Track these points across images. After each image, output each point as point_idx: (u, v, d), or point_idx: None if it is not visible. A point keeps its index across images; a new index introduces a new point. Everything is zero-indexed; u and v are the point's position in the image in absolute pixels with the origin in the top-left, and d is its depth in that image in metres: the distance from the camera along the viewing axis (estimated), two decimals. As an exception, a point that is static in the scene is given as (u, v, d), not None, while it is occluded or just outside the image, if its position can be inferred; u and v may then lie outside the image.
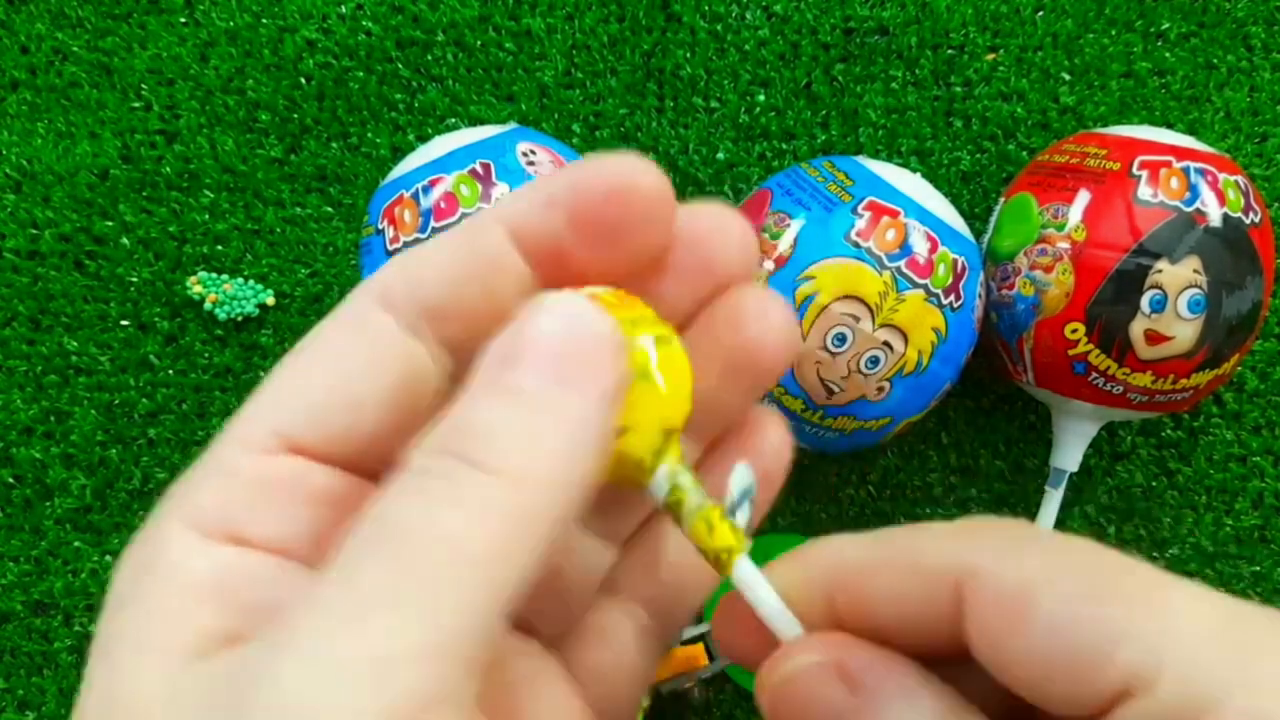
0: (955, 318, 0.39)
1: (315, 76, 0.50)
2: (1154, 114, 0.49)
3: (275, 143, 0.49)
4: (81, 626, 0.47)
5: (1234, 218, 0.39)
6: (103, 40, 0.50)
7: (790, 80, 0.49)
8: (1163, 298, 0.38)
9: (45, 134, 0.50)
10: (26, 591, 0.47)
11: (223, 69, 0.50)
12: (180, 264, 0.49)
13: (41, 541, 0.47)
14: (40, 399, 0.48)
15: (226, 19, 0.50)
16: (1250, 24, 0.49)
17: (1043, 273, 0.40)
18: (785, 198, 0.40)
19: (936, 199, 0.40)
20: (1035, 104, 0.49)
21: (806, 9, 0.49)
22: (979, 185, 0.49)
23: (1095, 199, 0.39)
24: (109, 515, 0.47)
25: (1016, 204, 0.42)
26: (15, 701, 0.46)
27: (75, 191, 0.49)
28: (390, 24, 0.50)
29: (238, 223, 0.49)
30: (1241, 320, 0.39)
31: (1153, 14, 0.49)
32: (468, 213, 0.38)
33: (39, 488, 0.47)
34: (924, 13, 0.49)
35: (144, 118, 0.50)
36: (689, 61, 0.49)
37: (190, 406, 0.48)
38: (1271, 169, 0.48)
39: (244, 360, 0.48)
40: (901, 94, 0.49)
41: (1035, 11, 0.49)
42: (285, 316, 0.48)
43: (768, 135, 0.49)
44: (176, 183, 0.49)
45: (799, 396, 0.39)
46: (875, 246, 0.38)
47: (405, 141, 0.49)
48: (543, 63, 0.50)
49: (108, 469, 0.47)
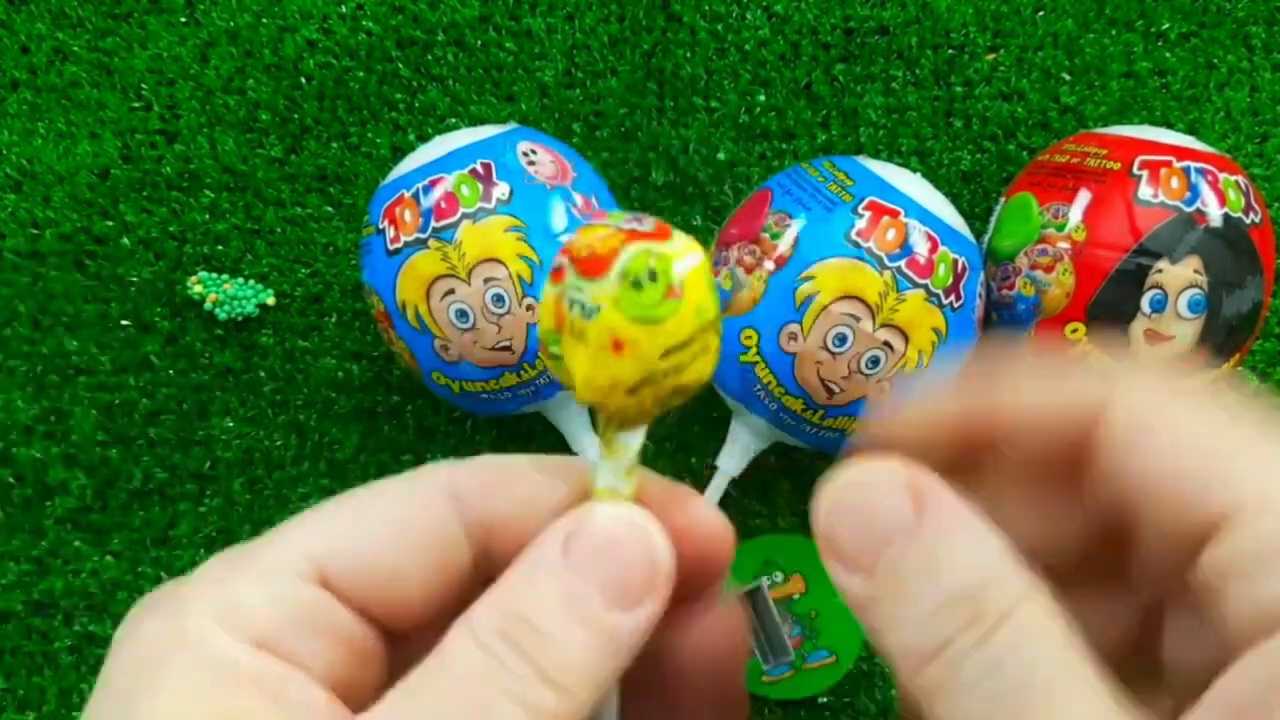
0: (956, 318, 0.39)
1: (315, 76, 0.50)
2: (1154, 114, 0.49)
3: (275, 143, 0.49)
4: (81, 626, 0.47)
5: (1234, 218, 0.39)
6: (103, 40, 0.50)
7: (790, 80, 0.49)
8: (1163, 298, 0.38)
9: (45, 134, 0.50)
10: (26, 591, 0.47)
11: (223, 69, 0.50)
12: (180, 264, 0.49)
13: (41, 541, 0.47)
14: (40, 399, 0.48)
15: (226, 19, 0.50)
16: (1250, 24, 0.49)
17: (1043, 273, 0.40)
18: (785, 198, 0.40)
19: (937, 199, 0.40)
20: (1035, 104, 0.49)
21: (807, 9, 0.49)
22: (979, 185, 0.49)
23: (1095, 199, 0.39)
24: (109, 515, 0.47)
25: (1017, 204, 0.42)
26: (15, 701, 0.46)
27: (75, 191, 0.49)
28: (390, 24, 0.50)
29: (238, 223, 0.49)
30: (1241, 320, 0.39)
31: (1153, 14, 0.49)
32: (468, 212, 0.38)
33: (39, 488, 0.47)
34: (924, 13, 0.49)
35: (144, 118, 0.50)
36: (689, 61, 0.49)
37: (190, 406, 0.48)
38: (1271, 169, 0.48)
39: (244, 360, 0.48)
40: (902, 94, 0.49)
41: (1035, 11, 0.49)
42: (285, 316, 0.48)
43: (768, 135, 0.49)
44: (177, 183, 0.49)
45: (799, 396, 0.39)
46: (875, 246, 0.38)
47: (405, 141, 0.49)
48: (543, 63, 0.50)
49: (108, 469, 0.47)
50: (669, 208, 0.49)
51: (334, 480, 0.47)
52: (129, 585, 0.47)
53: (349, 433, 0.48)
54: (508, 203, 0.39)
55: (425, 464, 0.18)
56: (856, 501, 0.16)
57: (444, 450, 0.48)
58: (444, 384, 0.41)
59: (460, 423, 0.48)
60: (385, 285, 0.40)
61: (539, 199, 0.39)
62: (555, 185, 0.40)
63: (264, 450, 0.48)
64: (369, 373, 0.48)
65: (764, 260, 0.39)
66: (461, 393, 0.41)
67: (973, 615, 0.14)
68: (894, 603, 0.15)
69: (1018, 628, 0.14)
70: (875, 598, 0.15)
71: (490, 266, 0.38)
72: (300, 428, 0.48)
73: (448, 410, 0.48)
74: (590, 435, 0.44)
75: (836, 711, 0.45)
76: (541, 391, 0.41)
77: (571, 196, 0.40)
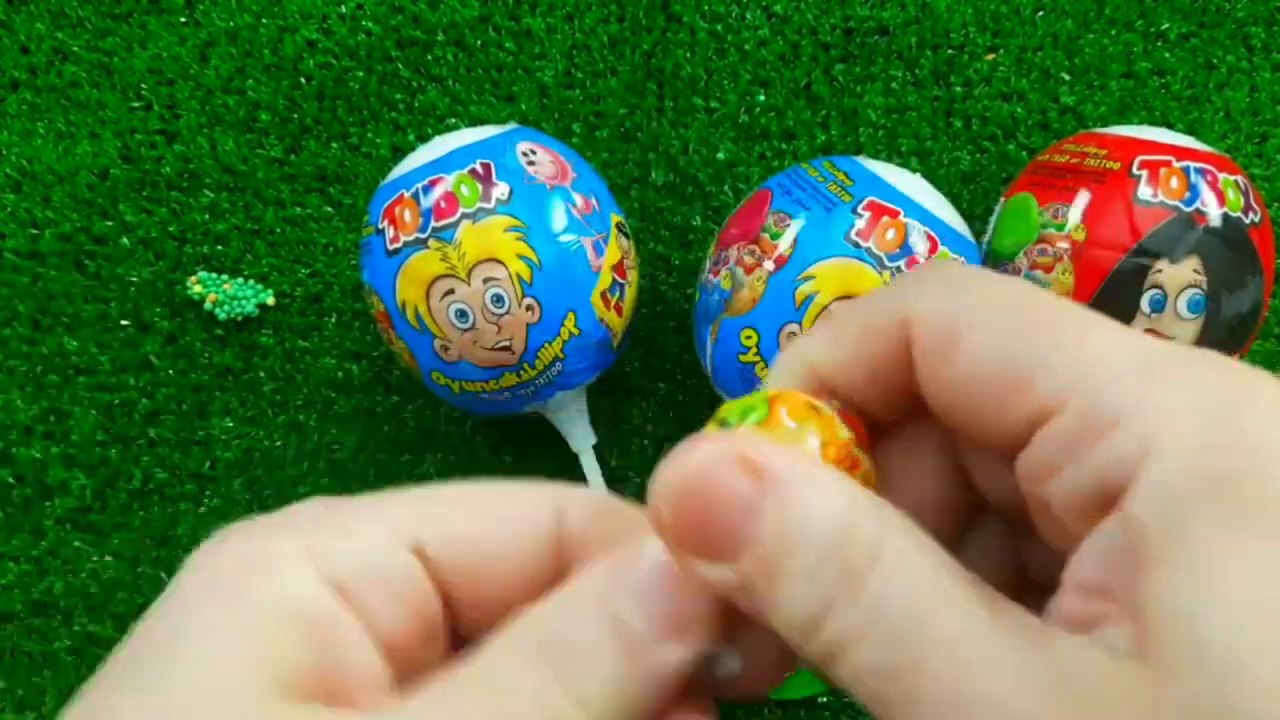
0: (955, 318, 0.39)
1: (315, 76, 0.50)
2: (1154, 114, 0.49)
3: (275, 143, 0.49)
4: (81, 626, 0.47)
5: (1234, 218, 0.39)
6: (103, 40, 0.50)
7: (790, 80, 0.49)
8: (1162, 298, 0.38)
9: (45, 134, 0.50)
10: (26, 591, 0.47)
11: (223, 69, 0.50)
12: (180, 264, 0.49)
13: (41, 541, 0.47)
14: (40, 399, 0.48)
15: (226, 19, 0.50)
16: (1250, 24, 0.49)
17: (1043, 272, 0.40)
18: (785, 198, 0.40)
19: (936, 199, 0.40)
20: (1035, 104, 0.49)
21: (806, 9, 0.49)
22: (979, 185, 0.49)
23: (1095, 199, 0.39)
24: (109, 515, 0.47)
25: (1016, 204, 0.42)
26: (15, 701, 0.46)
27: (75, 191, 0.49)
28: (390, 24, 0.50)
29: (238, 223, 0.49)
30: (1241, 320, 0.39)
31: (1153, 14, 0.49)
32: (467, 213, 0.38)
33: (39, 488, 0.47)
34: (924, 13, 0.49)
35: (144, 118, 0.50)
36: (689, 61, 0.49)
37: (190, 406, 0.48)
38: (1271, 169, 0.48)
39: (244, 360, 0.48)
40: (901, 94, 0.49)
41: (1035, 11, 0.49)
42: (285, 316, 0.48)
43: (768, 135, 0.49)
44: (176, 183, 0.49)
45: (799, 396, 0.39)
46: (875, 246, 0.38)
47: (405, 141, 0.49)
48: (543, 63, 0.50)
49: (108, 469, 0.47)
50: (669, 208, 0.49)
51: (334, 480, 0.47)
52: (129, 585, 0.47)
53: (349, 433, 0.48)
54: (507, 203, 0.39)
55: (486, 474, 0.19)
56: (696, 491, 0.15)
57: (444, 450, 0.48)
58: (444, 384, 0.41)
59: (460, 423, 0.48)
60: (385, 285, 0.40)
61: (539, 199, 0.39)
62: (555, 185, 0.40)
63: (264, 450, 0.48)
64: (369, 373, 0.48)
65: (764, 260, 0.39)
66: (461, 393, 0.41)
67: (842, 571, 0.14)
68: (766, 583, 0.15)
69: (887, 567, 0.14)
70: (747, 584, 0.15)
71: (490, 266, 0.38)
72: (300, 428, 0.48)
73: (447, 410, 0.48)
74: (587, 434, 0.44)
75: (836, 711, 0.45)
76: (541, 392, 0.41)
77: (571, 196, 0.40)
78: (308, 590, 0.15)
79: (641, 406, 0.48)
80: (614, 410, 0.47)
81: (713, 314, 0.40)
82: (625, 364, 0.48)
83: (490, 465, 0.47)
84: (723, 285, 0.40)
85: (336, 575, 0.16)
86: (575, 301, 0.39)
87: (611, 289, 0.41)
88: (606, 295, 0.40)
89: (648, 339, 0.48)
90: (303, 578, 0.16)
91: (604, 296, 0.40)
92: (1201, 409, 0.14)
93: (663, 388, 0.48)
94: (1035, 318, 0.15)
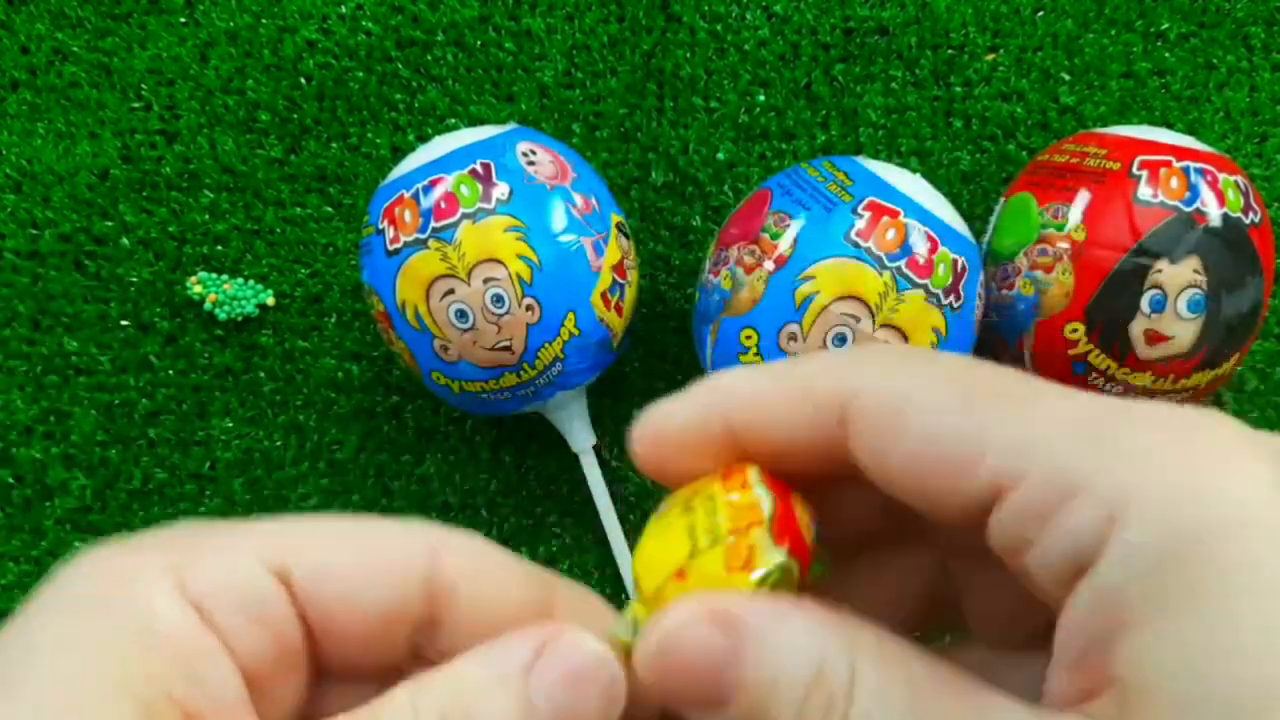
0: (955, 318, 0.39)
1: (315, 76, 0.50)
2: (1154, 114, 0.49)
3: (275, 143, 0.49)
4: (81, 626, 0.47)
5: (1234, 218, 0.39)
6: (103, 40, 0.50)
7: (790, 80, 0.49)
8: (1162, 298, 0.38)
9: (45, 134, 0.50)
10: (26, 592, 0.47)
11: (223, 69, 0.50)
12: (180, 264, 0.49)
13: (41, 541, 0.47)
14: (40, 399, 0.48)
15: (226, 19, 0.50)
16: (1250, 24, 0.49)
17: (1043, 273, 0.40)
18: (785, 198, 0.40)
19: (936, 199, 0.40)
20: (1035, 104, 0.49)
21: (806, 9, 0.49)
22: (979, 185, 0.49)
23: (1095, 199, 0.39)
24: (109, 515, 0.47)
25: (1016, 204, 0.42)
26: (15, 702, 0.46)
27: (75, 191, 0.49)
28: (390, 24, 0.50)
29: (238, 223, 0.49)
30: (1241, 320, 0.39)
31: (1153, 14, 0.49)
32: (467, 213, 0.38)
33: (39, 488, 0.47)
34: (924, 13, 0.49)
35: (144, 118, 0.50)
36: (689, 61, 0.49)
37: (190, 406, 0.48)
38: (1271, 169, 0.48)
39: (244, 360, 0.48)
40: (901, 94, 0.49)
41: (1035, 11, 0.49)
42: (285, 316, 0.48)
43: (768, 135, 0.49)
44: (176, 183, 0.49)
45: (799, 396, 0.39)
46: (875, 246, 0.38)
47: (405, 141, 0.49)
48: (543, 63, 0.50)
49: (108, 469, 0.47)
50: (669, 208, 0.49)
51: (334, 480, 0.47)
52: (129, 585, 0.47)
53: (349, 433, 0.48)
54: (507, 203, 0.39)
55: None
56: (673, 653, 0.16)
57: (444, 450, 0.48)
58: (444, 384, 0.41)
59: (460, 423, 0.48)
60: (385, 285, 0.40)
61: (539, 199, 0.39)
62: (555, 185, 0.40)
63: (263, 450, 0.48)
64: (369, 373, 0.48)
65: (764, 260, 0.39)
66: (461, 393, 0.41)
67: (825, 702, 0.15)
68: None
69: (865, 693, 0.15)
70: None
71: (490, 267, 0.38)
72: (300, 428, 0.48)
73: (447, 410, 0.48)
74: (587, 434, 0.44)
75: None
76: (540, 392, 0.41)
77: (571, 197, 0.40)
78: (168, 609, 0.15)
79: (641, 406, 0.48)
80: (614, 410, 0.47)
81: (713, 314, 0.40)
82: (625, 364, 0.48)
83: (490, 465, 0.47)
84: (723, 285, 0.40)
85: (197, 595, 0.16)
86: (575, 301, 0.39)
87: (611, 289, 0.41)
88: (606, 295, 0.40)
89: (648, 339, 0.48)
90: (163, 596, 0.15)
91: (604, 297, 0.40)
92: (1157, 470, 0.14)
93: (662, 388, 0.48)
94: (983, 394, 0.16)
